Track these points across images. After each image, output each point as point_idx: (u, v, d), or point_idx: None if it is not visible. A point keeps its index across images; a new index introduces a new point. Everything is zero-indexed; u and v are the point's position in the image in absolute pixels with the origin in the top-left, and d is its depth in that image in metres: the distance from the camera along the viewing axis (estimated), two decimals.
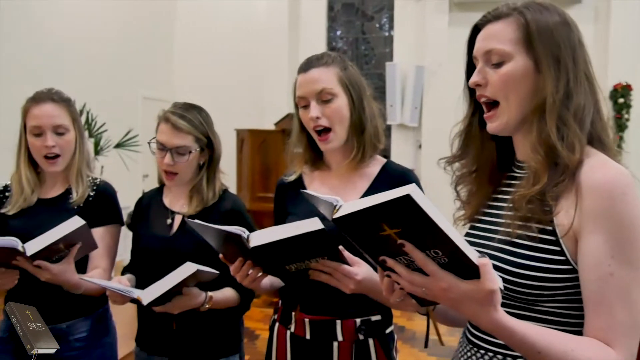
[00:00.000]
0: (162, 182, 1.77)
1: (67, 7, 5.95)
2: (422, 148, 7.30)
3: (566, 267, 0.93)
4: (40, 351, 1.23)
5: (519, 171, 1.07)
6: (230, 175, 1.85)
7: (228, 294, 1.62)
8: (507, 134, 1.06)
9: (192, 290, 1.48)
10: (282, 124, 6.66)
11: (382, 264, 0.90)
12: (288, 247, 1.11)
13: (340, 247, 1.16)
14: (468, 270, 0.82)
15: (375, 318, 1.41)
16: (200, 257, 1.51)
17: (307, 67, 1.43)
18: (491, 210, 1.09)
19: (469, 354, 1.07)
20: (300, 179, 1.54)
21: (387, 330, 1.45)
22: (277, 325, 1.51)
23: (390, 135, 7.35)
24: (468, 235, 1.11)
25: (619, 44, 6.42)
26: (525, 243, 0.96)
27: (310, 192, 1.01)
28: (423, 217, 0.76)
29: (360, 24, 7.99)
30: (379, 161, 1.49)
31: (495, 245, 1.00)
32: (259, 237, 1.12)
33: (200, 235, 1.30)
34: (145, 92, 7.44)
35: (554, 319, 0.96)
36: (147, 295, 1.41)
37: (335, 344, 1.40)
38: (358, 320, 1.40)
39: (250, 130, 6.73)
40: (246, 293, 1.65)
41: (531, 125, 1.00)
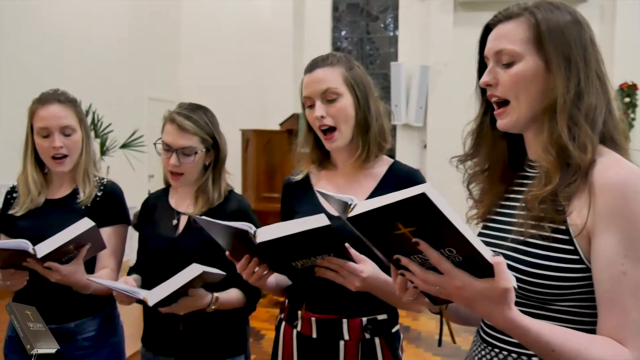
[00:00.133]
0: (167, 183, 1.77)
1: (72, 8, 5.98)
2: (427, 148, 7.30)
3: (580, 266, 0.93)
4: (40, 351, 1.23)
5: (531, 170, 1.06)
6: (235, 176, 1.85)
7: (234, 294, 1.62)
8: (516, 131, 1.06)
9: (198, 291, 1.48)
10: (287, 124, 6.67)
11: (396, 262, 0.90)
12: (294, 244, 1.11)
13: (347, 245, 1.16)
14: (482, 268, 0.82)
15: (381, 317, 1.41)
16: (206, 258, 1.51)
17: (312, 67, 1.44)
18: (504, 209, 1.09)
19: (483, 352, 1.07)
20: (307, 179, 1.54)
21: (393, 330, 1.45)
22: (283, 324, 1.51)
23: (395, 135, 7.35)
24: (481, 234, 1.11)
25: (624, 43, 6.40)
26: (538, 243, 0.96)
27: (325, 191, 1.01)
28: (438, 215, 0.76)
29: (365, 24, 7.99)
30: (385, 161, 1.49)
31: (508, 245, 1.00)
32: (266, 233, 1.12)
33: (208, 234, 1.30)
34: (151, 93, 7.47)
35: (568, 317, 0.96)
36: (153, 296, 1.41)
37: (341, 343, 1.40)
38: (364, 319, 1.40)
39: (255, 131, 6.73)
40: (252, 294, 1.65)
41: (542, 125, 1.00)
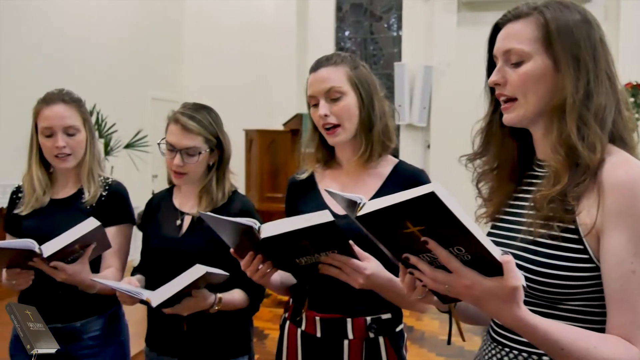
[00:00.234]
0: (171, 183, 1.77)
1: (74, 8, 5.99)
2: (431, 148, 7.29)
3: (589, 266, 0.93)
4: (40, 351, 1.23)
5: (540, 170, 1.06)
6: (239, 176, 1.86)
7: (237, 295, 1.61)
8: (523, 126, 1.06)
9: (202, 292, 1.48)
10: (290, 124, 6.67)
11: (404, 261, 0.90)
12: (298, 240, 1.12)
13: (350, 242, 1.16)
14: (491, 267, 0.82)
15: (385, 316, 1.42)
16: (210, 258, 1.51)
17: (317, 66, 1.46)
18: (513, 209, 1.09)
19: (493, 352, 1.07)
20: (312, 178, 1.55)
21: (397, 329, 1.45)
22: (287, 323, 1.52)
23: (398, 136, 7.34)
24: (490, 234, 1.11)
25: (629, 43, 6.36)
26: (547, 242, 0.96)
27: (334, 190, 1.01)
28: (447, 214, 0.76)
29: (369, 24, 7.99)
30: (390, 161, 1.50)
31: (518, 244, 1.00)
32: (270, 229, 1.12)
33: (211, 234, 1.30)
34: (154, 93, 7.48)
35: (578, 317, 0.96)
36: (157, 297, 1.40)
37: (345, 342, 1.40)
38: (368, 319, 1.40)
39: (259, 131, 6.74)
40: (255, 294, 1.65)
41: (551, 125, 1.00)
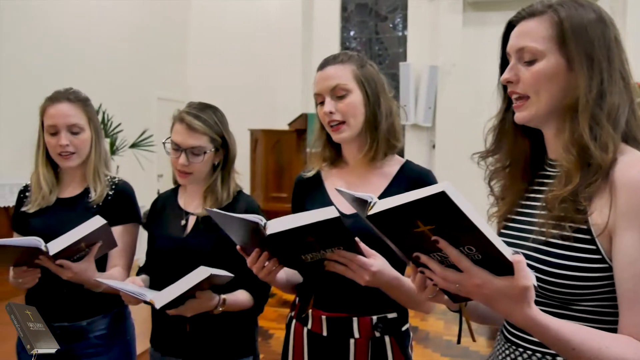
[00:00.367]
0: (177, 183, 1.77)
1: (78, 8, 6.01)
2: (436, 148, 7.28)
3: (602, 266, 0.92)
4: (40, 351, 1.23)
5: (551, 169, 1.06)
6: (244, 175, 1.85)
7: (242, 296, 1.61)
8: (534, 125, 1.05)
9: (206, 293, 1.48)
10: (295, 124, 6.68)
11: (415, 260, 0.90)
12: (304, 236, 1.11)
13: (357, 239, 1.16)
14: (502, 266, 0.82)
15: (391, 315, 1.42)
16: (214, 258, 1.51)
17: (324, 65, 1.46)
18: (524, 209, 1.08)
19: (507, 352, 1.06)
20: (318, 176, 1.55)
21: (403, 328, 1.45)
22: (294, 322, 1.52)
23: (403, 136, 7.32)
24: (502, 235, 1.10)
25: (635, 42, 6.32)
26: (559, 243, 0.95)
27: (344, 189, 1.01)
28: (457, 213, 0.76)
29: (374, 24, 7.98)
30: (397, 161, 1.49)
31: (530, 245, 1.00)
32: (276, 225, 1.12)
33: (215, 234, 1.30)
34: (160, 93, 7.50)
35: (590, 317, 0.96)
36: (160, 298, 1.40)
37: (351, 341, 1.40)
38: (374, 318, 1.40)
39: (264, 131, 6.75)
40: (260, 295, 1.64)
41: (563, 124, 0.99)
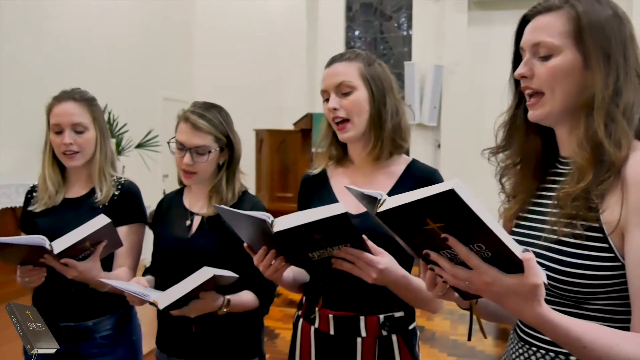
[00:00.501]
0: (182, 183, 1.77)
1: (88, 10, 6.04)
2: (441, 147, 7.27)
3: (615, 264, 0.92)
4: (40, 351, 1.23)
5: (563, 167, 1.05)
6: (249, 176, 1.85)
7: (246, 297, 1.59)
8: (547, 124, 1.04)
9: (210, 294, 1.47)
10: (300, 124, 6.68)
11: (425, 257, 0.90)
12: (311, 233, 1.11)
13: (364, 236, 1.15)
14: (512, 264, 0.82)
15: (398, 314, 1.41)
16: (219, 259, 1.51)
17: (331, 62, 1.47)
18: (536, 207, 1.08)
19: (520, 351, 1.06)
20: (324, 174, 1.55)
21: (410, 327, 1.45)
22: (301, 321, 1.52)
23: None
24: (514, 233, 1.10)
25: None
26: (572, 241, 0.95)
27: (354, 187, 1.00)
28: (466, 211, 0.76)
29: (379, 24, 7.98)
30: (404, 160, 1.49)
31: (542, 244, 0.99)
32: (283, 222, 1.12)
33: (223, 231, 1.29)
34: (165, 93, 7.53)
35: (603, 316, 0.95)
36: (164, 299, 1.39)
37: (359, 340, 1.40)
38: (381, 316, 1.40)
39: (269, 131, 6.76)
40: (265, 296, 1.63)
41: (578, 121, 0.98)
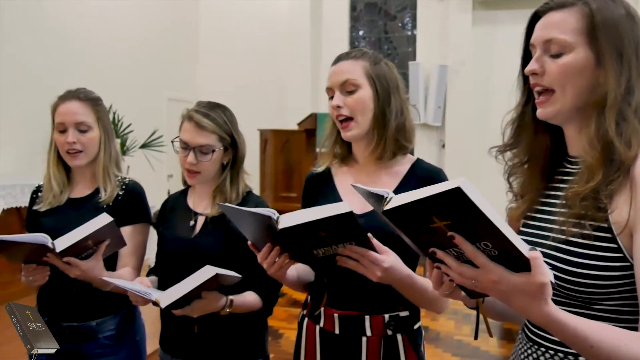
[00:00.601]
0: (186, 184, 1.76)
1: (93, 10, 6.06)
2: (446, 147, 7.26)
3: (624, 264, 0.91)
4: (40, 351, 1.23)
5: (571, 167, 1.04)
6: (253, 176, 1.85)
7: (250, 298, 1.59)
8: (557, 122, 1.04)
9: (212, 293, 1.46)
10: (305, 124, 6.68)
11: (431, 255, 0.90)
12: (316, 230, 1.11)
13: (369, 234, 1.15)
14: (518, 263, 0.81)
15: (403, 314, 1.41)
16: (223, 259, 1.50)
17: (337, 60, 1.47)
18: (544, 207, 1.07)
19: (529, 351, 1.05)
20: (328, 173, 1.54)
21: (415, 326, 1.44)
22: (306, 320, 1.51)
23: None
24: (521, 233, 1.09)
25: None
26: (580, 242, 0.94)
27: (360, 185, 1.00)
28: (473, 209, 0.76)
29: (383, 24, 7.97)
30: (408, 159, 1.48)
31: (550, 244, 0.99)
32: (288, 219, 1.11)
33: (227, 231, 1.29)
34: (170, 94, 7.55)
35: (612, 316, 0.94)
36: (166, 298, 1.39)
37: (364, 339, 1.40)
38: (387, 316, 1.40)
39: (273, 131, 6.76)
40: (269, 296, 1.63)
41: (589, 120, 0.98)
